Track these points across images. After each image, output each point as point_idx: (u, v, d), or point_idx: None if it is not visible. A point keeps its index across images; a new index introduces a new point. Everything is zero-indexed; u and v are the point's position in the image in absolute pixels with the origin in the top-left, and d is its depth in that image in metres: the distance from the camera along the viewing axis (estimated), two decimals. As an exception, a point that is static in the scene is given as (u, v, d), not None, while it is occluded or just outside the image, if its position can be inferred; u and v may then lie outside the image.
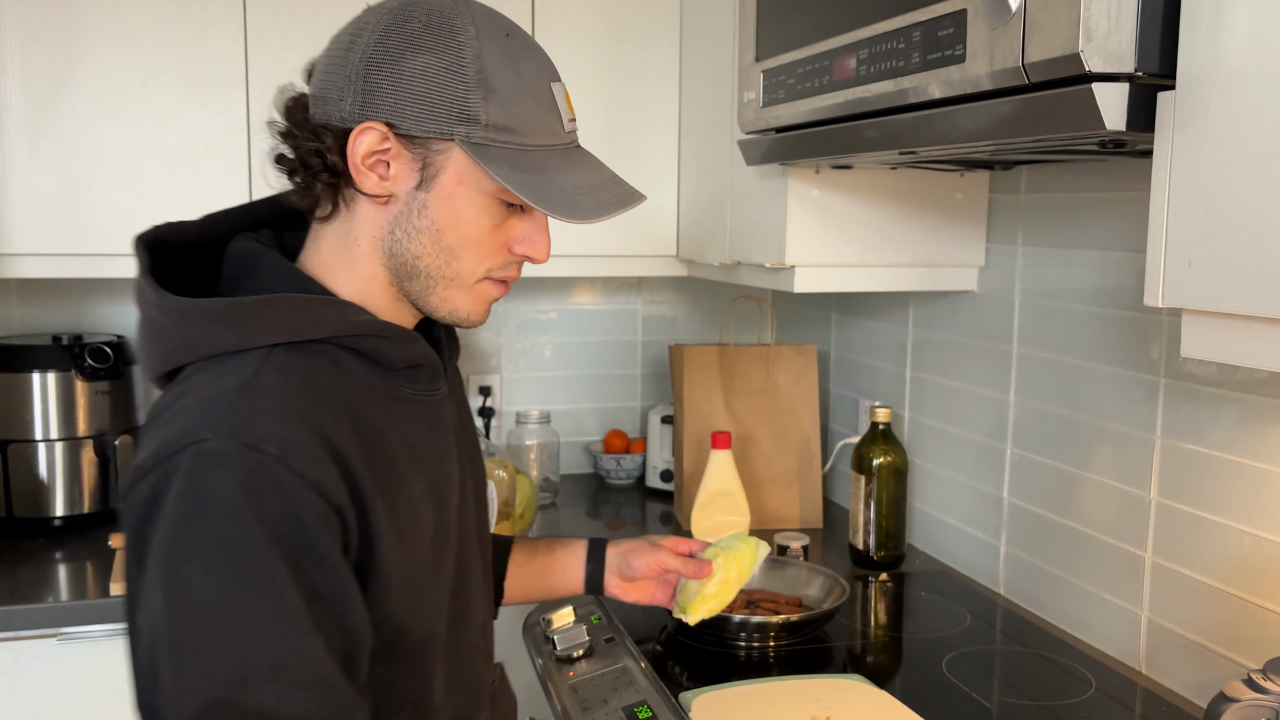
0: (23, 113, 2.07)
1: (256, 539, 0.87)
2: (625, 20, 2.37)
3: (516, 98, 0.99)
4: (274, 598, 0.87)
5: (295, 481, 0.89)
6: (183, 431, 0.90)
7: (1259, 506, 1.42)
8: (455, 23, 0.98)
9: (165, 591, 0.87)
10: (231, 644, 0.86)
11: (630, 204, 1.03)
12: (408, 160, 0.99)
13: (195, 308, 0.97)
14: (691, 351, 2.39)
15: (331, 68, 1.02)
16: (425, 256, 1.02)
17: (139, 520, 0.90)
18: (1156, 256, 1.02)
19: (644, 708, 1.53)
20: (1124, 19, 0.98)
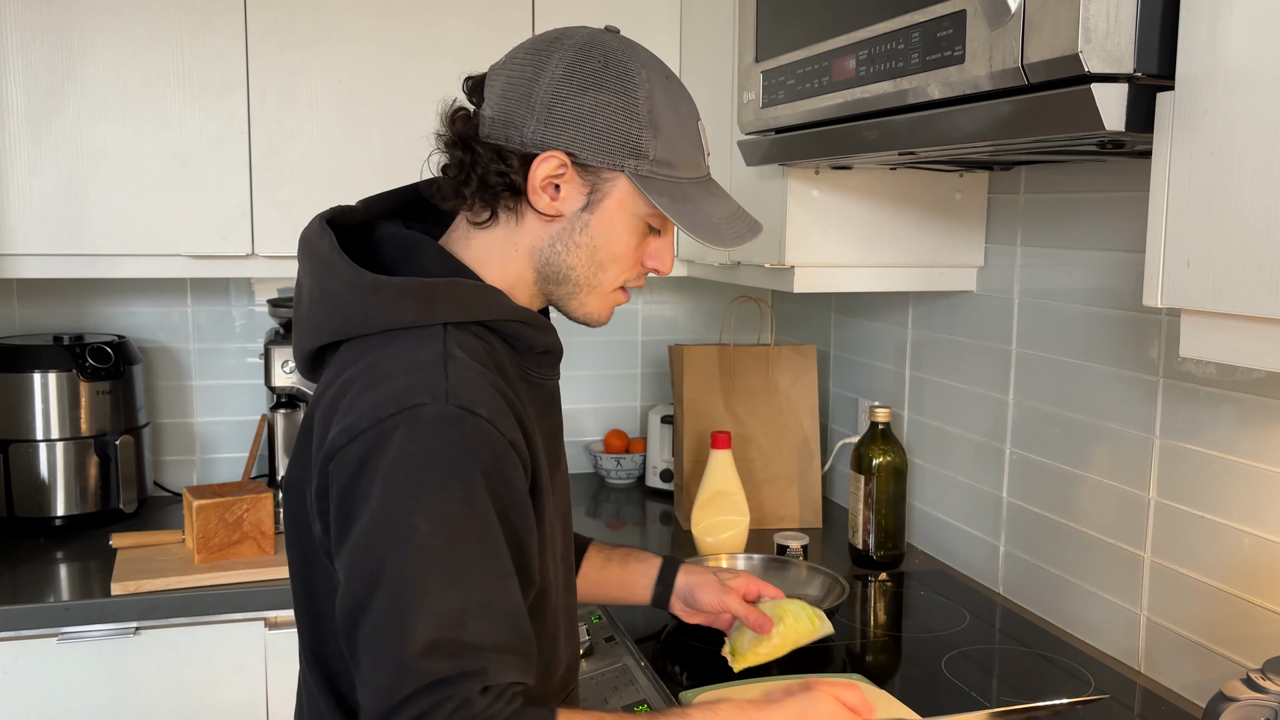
0: (24, 113, 2.08)
1: (475, 492, 0.99)
2: (625, 20, 2.37)
3: (676, 136, 1.12)
4: (488, 543, 1.00)
5: (502, 441, 1.01)
6: (395, 396, 1.00)
7: (1258, 506, 1.42)
8: (629, 65, 1.10)
9: (394, 540, 0.97)
10: (456, 585, 0.97)
11: (757, 232, 1.18)
12: (578, 185, 1.12)
13: (390, 285, 1.08)
14: (691, 351, 2.40)
15: (513, 95, 1.12)
16: (579, 268, 1.15)
17: (351, 476, 1.00)
18: (1155, 257, 1.02)
19: (644, 707, 1.53)
20: (1123, 20, 0.99)
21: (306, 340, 1.14)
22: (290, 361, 2.28)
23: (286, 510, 1.17)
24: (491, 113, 1.14)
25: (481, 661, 0.97)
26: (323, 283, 1.11)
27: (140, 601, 1.92)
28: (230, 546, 2.05)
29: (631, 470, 2.73)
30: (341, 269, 1.09)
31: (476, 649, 0.97)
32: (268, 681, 2.01)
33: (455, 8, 2.27)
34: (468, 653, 0.97)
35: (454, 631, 0.97)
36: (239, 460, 2.60)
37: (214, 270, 2.22)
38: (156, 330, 2.53)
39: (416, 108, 2.27)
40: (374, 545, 0.99)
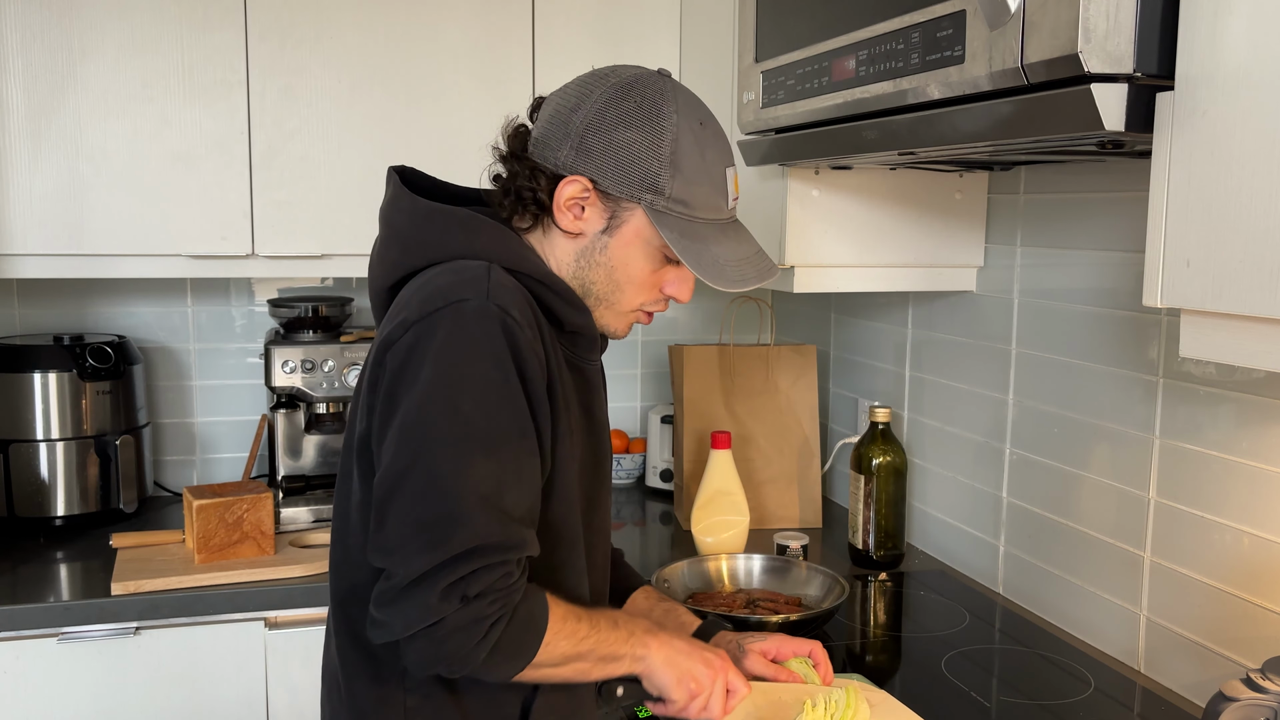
0: (24, 113, 2.08)
1: (510, 378, 1.12)
2: (625, 21, 2.38)
3: (696, 179, 1.21)
4: (520, 422, 1.13)
5: (529, 343, 1.14)
6: (443, 292, 1.14)
7: (1257, 506, 1.42)
8: (663, 109, 1.20)
9: (440, 416, 1.10)
10: (495, 457, 1.10)
11: (767, 277, 1.26)
12: (600, 210, 1.22)
13: (440, 211, 1.22)
14: (691, 351, 2.40)
15: (556, 121, 1.23)
16: (599, 284, 1.26)
17: (402, 362, 1.13)
18: (1155, 257, 1.02)
19: (644, 708, 1.53)
20: (1123, 20, 0.99)
21: (378, 280, 1.27)
22: (290, 361, 2.28)
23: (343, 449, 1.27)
24: (537, 133, 1.25)
25: (521, 534, 1.11)
26: (389, 219, 1.26)
27: (140, 601, 1.92)
28: (230, 546, 2.05)
29: (631, 470, 2.73)
30: (404, 201, 1.24)
31: (515, 519, 1.11)
32: (268, 681, 2.01)
33: (455, 8, 2.27)
34: (509, 522, 1.10)
35: (497, 499, 1.09)
36: (239, 460, 2.60)
37: (214, 270, 2.22)
38: (156, 330, 2.53)
39: (417, 107, 2.27)
40: (421, 419, 1.10)
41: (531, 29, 2.31)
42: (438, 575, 1.07)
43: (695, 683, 1.28)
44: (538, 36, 2.32)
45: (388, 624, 1.10)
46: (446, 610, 1.07)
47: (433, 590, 1.07)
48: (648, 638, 1.26)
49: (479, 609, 1.08)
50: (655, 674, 1.26)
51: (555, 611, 1.16)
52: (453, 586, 1.07)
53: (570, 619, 1.18)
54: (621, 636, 1.23)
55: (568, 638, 1.17)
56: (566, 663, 1.18)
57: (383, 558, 1.10)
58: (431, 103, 2.27)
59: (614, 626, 1.23)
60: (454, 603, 1.07)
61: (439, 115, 2.28)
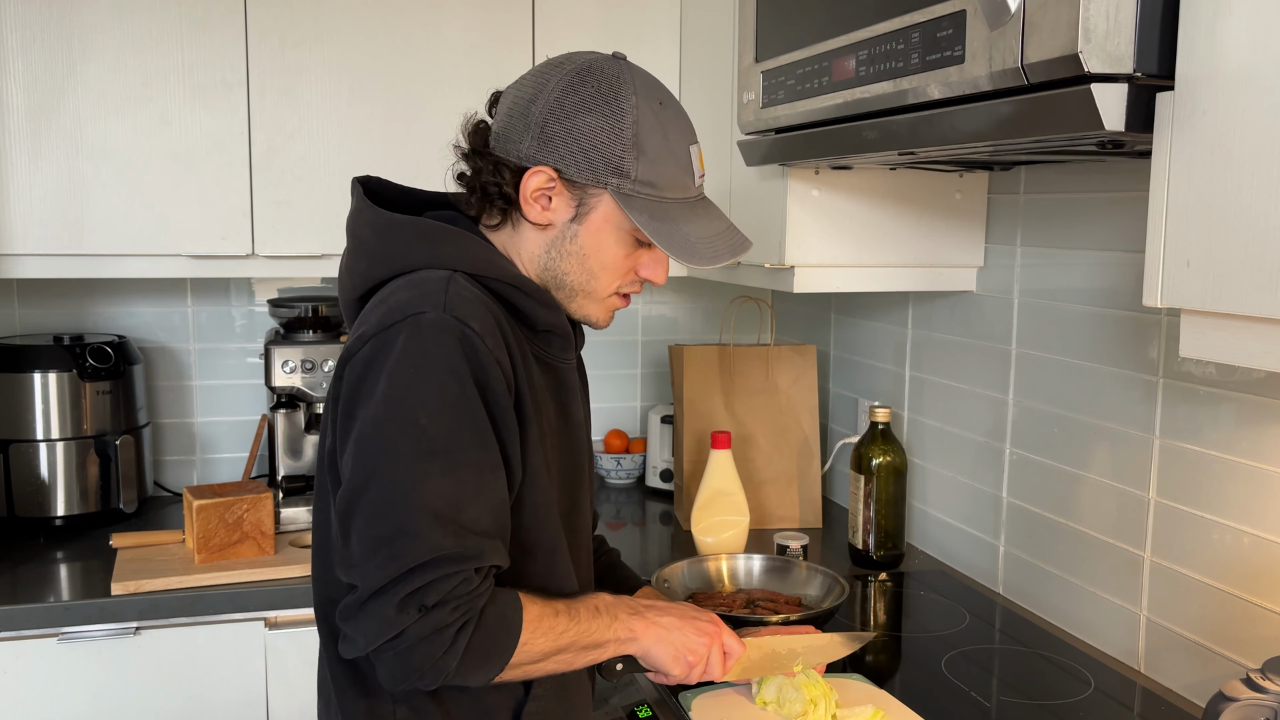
0: (24, 113, 2.08)
1: (468, 391, 1.11)
2: (625, 21, 2.38)
3: (661, 159, 1.21)
4: (480, 437, 1.11)
5: (488, 354, 1.12)
6: (401, 306, 1.13)
7: (1257, 506, 1.42)
8: (620, 91, 1.19)
9: (396, 431, 1.09)
10: (453, 472, 1.09)
11: (740, 252, 1.25)
12: (567, 198, 1.22)
13: (404, 223, 1.22)
14: (691, 351, 2.40)
15: (515, 113, 1.22)
16: (572, 273, 1.25)
17: (359, 377, 1.13)
18: (1155, 257, 1.02)
19: (644, 707, 1.53)
20: (1123, 20, 0.99)
21: (346, 292, 1.27)
22: (290, 361, 2.28)
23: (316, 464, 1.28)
24: (497, 127, 1.24)
25: (479, 544, 1.10)
26: (354, 231, 1.26)
27: (140, 601, 1.92)
28: (230, 546, 2.05)
29: (631, 470, 2.73)
30: (367, 213, 1.24)
31: (473, 532, 1.10)
32: (268, 681, 2.01)
33: (455, 8, 2.27)
34: (467, 534, 1.09)
35: (454, 513, 1.09)
36: (239, 460, 2.60)
37: (214, 270, 2.22)
38: (156, 330, 2.53)
39: (417, 107, 2.27)
40: (376, 436, 1.10)
41: (531, 29, 2.31)
42: (394, 588, 1.07)
43: (692, 654, 1.29)
44: (538, 37, 2.32)
45: (352, 638, 1.11)
46: (405, 621, 1.07)
47: (390, 603, 1.07)
48: (633, 621, 1.26)
49: (439, 617, 1.08)
50: (650, 654, 1.27)
51: (530, 611, 1.16)
52: (409, 598, 1.07)
53: (547, 616, 1.17)
54: (604, 624, 1.23)
55: (545, 634, 1.17)
56: (546, 658, 1.18)
57: (346, 573, 1.11)
58: (431, 103, 2.27)
59: (595, 615, 1.23)
60: (411, 614, 1.07)
61: (439, 116, 2.28)
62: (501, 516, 1.15)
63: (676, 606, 1.33)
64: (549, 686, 1.26)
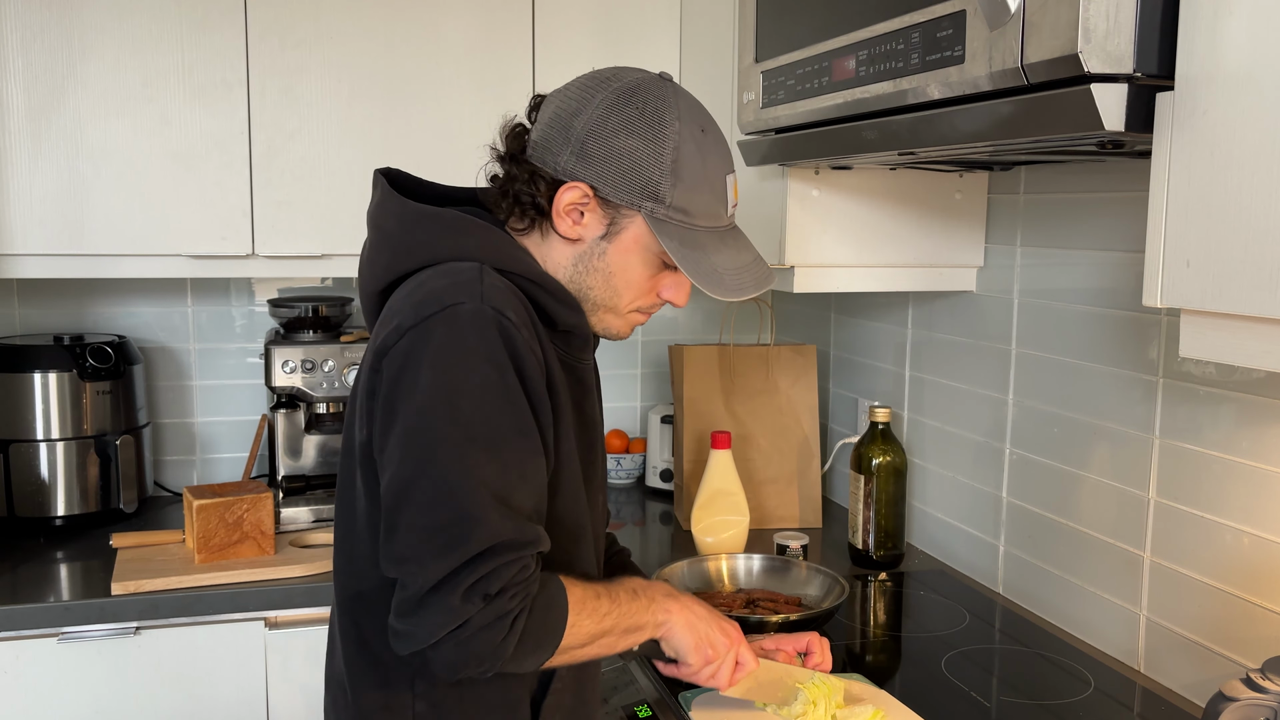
0: (24, 113, 2.08)
1: (509, 379, 1.11)
2: (625, 21, 2.38)
3: (697, 187, 1.21)
4: (522, 422, 1.12)
5: (525, 344, 1.13)
6: (436, 296, 1.13)
7: (1257, 506, 1.42)
8: (665, 116, 1.19)
9: (441, 421, 1.09)
10: (500, 458, 1.10)
11: (764, 286, 1.26)
12: (599, 216, 1.21)
13: (429, 214, 1.21)
14: (691, 351, 2.40)
15: (556, 124, 1.21)
16: (596, 289, 1.25)
17: (399, 368, 1.12)
18: (1155, 257, 1.02)
19: (644, 707, 1.53)
20: (1123, 20, 0.99)
21: (368, 284, 1.26)
22: (290, 361, 2.28)
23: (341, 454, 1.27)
24: (536, 136, 1.24)
25: (534, 530, 1.12)
26: (378, 222, 1.25)
27: (140, 601, 1.92)
28: (230, 546, 2.05)
29: (631, 470, 2.73)
30: (392, 204, 1.23)
31: (525, 516, 1.11)
32: (268, 681, 2.01)
33: (455, 8, 2.27)
34: (521, 519, 1.10)
35: (507, 499, 1.10)
36: (239, 460, 2.60)
37: (214, 270, 2.22)
38: (156, 330, 2.53)
39: (417, 107, 2.27)
40: (423, 426, 1.09)
41: (532, 29, 2.31)
42: (457, 578, 1.06)
43: (712, 649, 1.30)
44: (538, 37, 2.32)
45: (411, 633, 1.09)
46: (470, 611, 1.07)
47: (454, 593, 1.06)
48: (669, 602, 1.27)
49: (501, 605, 1.08)
50: (675, 636, 1.28)
51: (574, 594, 1.17)
52: (474, 587, 1.07)
53: (590, 598, 1.19)
54: (642, 605, 1.24)
55: (590, 615, 1.18)
56: (592, 641, 1.19)
57: (396, 567, 1.10)
58: (431, 103, 2.27)
59: (634, 596, 1.24)
60: (477, 603, 1.07)
61: (439, 116, 2.28)
62: (542, 502, 1.16)
63: (705, 604, 1.35)
64: (566, 680, 1.27)
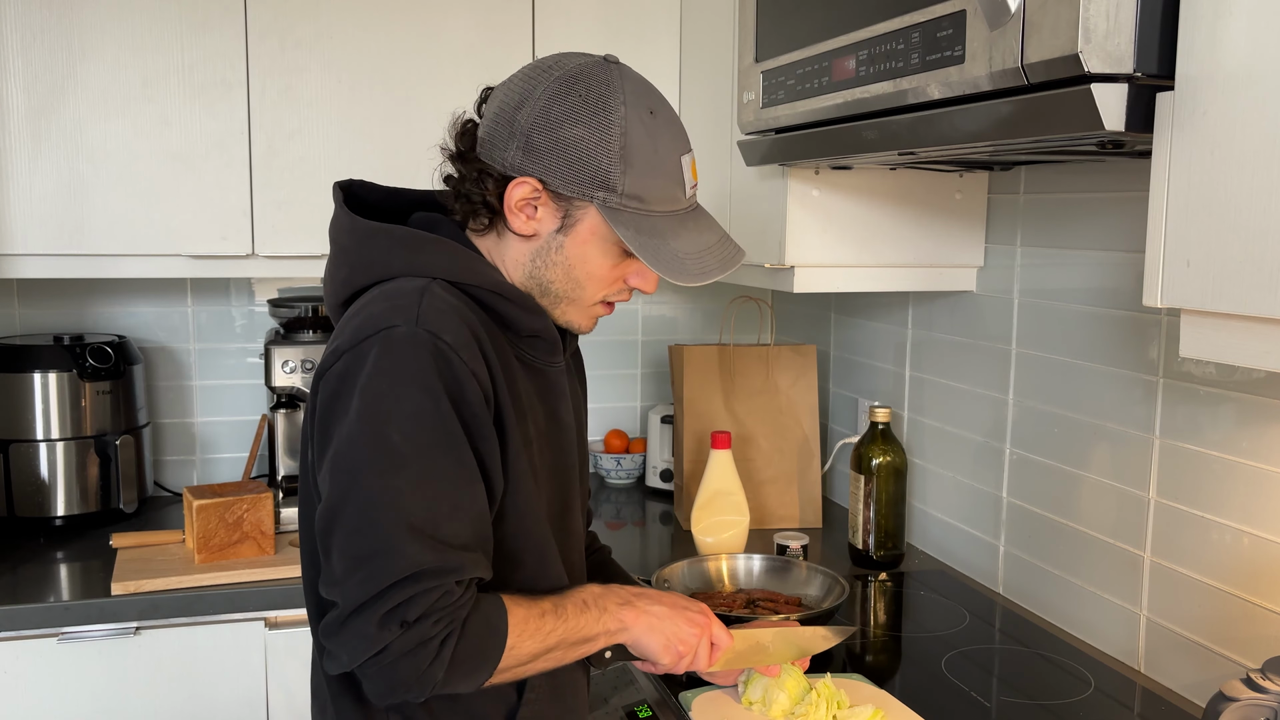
0: (24, 113, 2.08)
1: (442, 405, 1.09)
2: (625, 21, 2.38)
3: (649, 172, 1.17)
4: (454, 452, 1.10)
5: (463, 367, 1.11)
6: (374, 319, 1.12)
7: (1257, 506, 1.42)
8: (609, 101, 1.16)
9: (369, 448, 1.08)
10: (429, 488, 1.08)
11: (730, 266, 1.23)
12: (552, 209, 1.19)
13: (381, 231, 1.20)
14: (691, 351, 2.40)
15: (501, 119, 1.19)
16: (558, 283, 1.23)
17: (333, 392, 1.12)
18: (1155, 257, 1.02)
19: (644, 707, 1.53)
20: (1123, 20, 0.99)
21: (330, 299, 1.26)
22: (290, 361, 2.28)
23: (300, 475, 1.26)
24: (483, 132, 1.22)
25: (459, 558, 1.09)
26: (335, 237, 1.24)
27: (140, 601, 1.92)
28: (230, 546, 2.05)
29: (631, 470, 2.73)
30: (344, 220, 1.22)
31: (452, 546, 1.09)
32: (268, 681, 2.01)
33: (455, 8, 2.27)
34: (446, 548, 1.08)
35: (431, 528, 1.08)
36: (239, 460, 2.60)
37: (214, 270, 2.22)
38: (156, 330, 2.53)
39: (417, 108, 2.27)
40: (351, 453, 1.09)
41: (532, 29, 2.31)
42: (375, 605, 1.06)
43: (682, 644, 1.28)
44: (538, 37, 2.32)
45: (336, 655, 1.10)
46: (388, 638, 1.06)
47: (371, 620, 1.06)
48: (623, 612, 1.25)
49: (422, 631, 1.07)
50: (640, 643, 1.26)
51: (516, 614, 1.15)
52: (390, 614, 1.06)
53: (533, 618, 1.16)
54: (592, 618, 1.22)
55: (532, 636, 1.16)
56: (536, 659, 1.18)
57: (328, 590, 1.10)
58: (431, 103, 2.27)
59: (583, 609, 1.22)
60: (394, 629, 1.06)
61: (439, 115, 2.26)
62: (481, 529, 1.13)
63: (667, 595, 1.32)
64: (541, 690, 1.26)
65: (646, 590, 1.32)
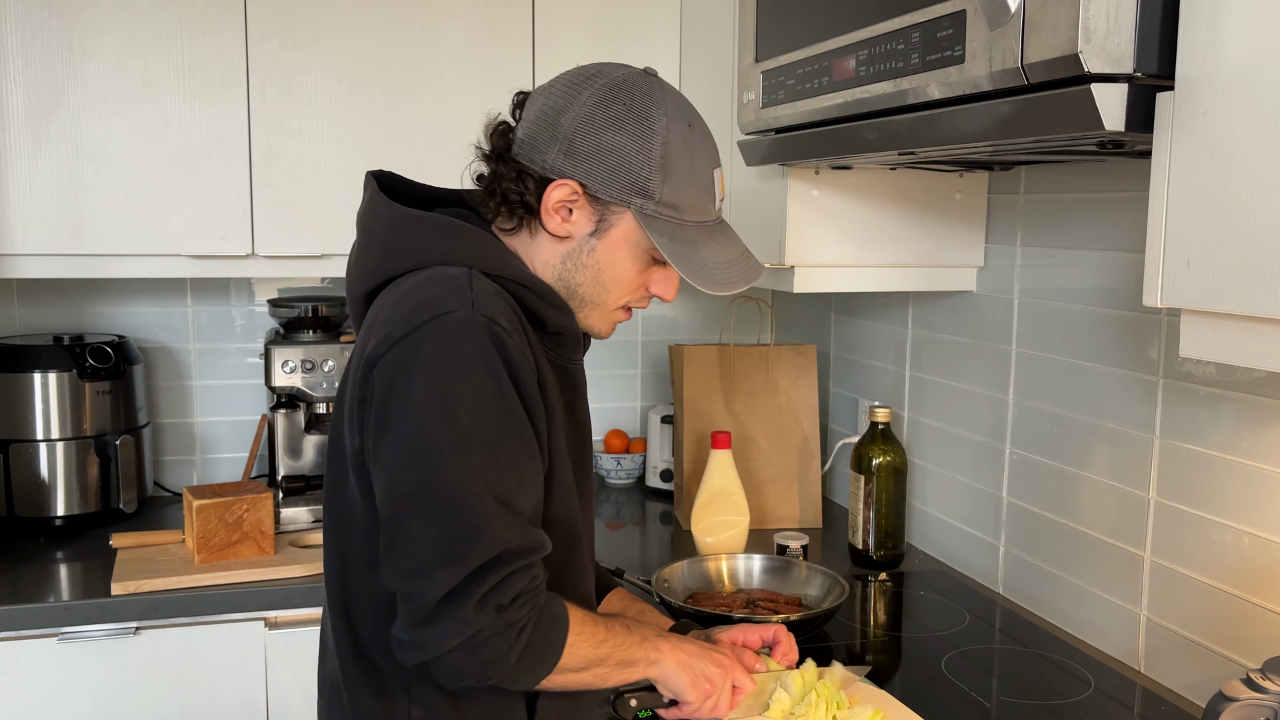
0: (24, 113, 2.08)
1: (504, 385, 1.11)
2: (625, 21, 2.38)
3: (685, 182, 1.21)
4: (519, 427, 1.13)
5: (519, 350, 1.13)
6: (427, 304, 1.12)
7: (1257, 506, 1.42)
8: (652, 111, 1.19)
9: (439, 432, 1.09)
10: (500, 465, 1.11)
11: (753, 279, 1.26)
12: (588, 212, 1.21)
13: (419, 218, 1.21)
14: (691, 351, 2.40)
15: (543, 122, 1.21)
16: (585, 286, 1.25)
17: (392, 378, 1.11)
18: (1155, 257, 1.02)
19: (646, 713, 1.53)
20: (1123, 20, 0.99)
21: (355, 286, 1.25)
22: (290, 361, 2.28)
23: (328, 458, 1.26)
24: (522, 134, 1.23)
25: (538, 535, 1.12)
26: (366, 224, 1.25)
27: (140, 601, 1.92)
28: (230, 546, 2.05)
29: (631, 470, 2.73)
30: (381, 207, 1.23)
31: (528, 521, 1.12)
32: (268, 681, 2.01)
33: (455, 8, 2.27)
34: (524, 524, 1.11)
35: (508, 503, 1.10)
36: (239, 460, 2.60)
37: (214, 270, 2.22)
38: (156, 330, 2.53)
39: (417, 107, 2.27)
40: (420, 438, 1.09)
41: (532, 29, 2.31)
42: (469, 588, 1.06)
43: (709, 683, 1.28)
44: (538, 37, 2.32)
45: (422, 644, 1.09)
46: (483, 621, 1.07)
47: (467, 604, 1.06)
48: (660, 642, 1.26)
49: (512, 614, 1.09)
50: (670, 677, 1.26)
51: (574, 614, 1.17)
52: (486, 597, 1.07)
53: (588, 621, 1.19)
54: (636, 640, 1.23)
55: (588, 639, 1.17)
56: (588, 667, 1.19)
57: (402, 580, 1.09)
58: (431, 103, 2.27)
59: (628, 631, 1.23)
60: (489, 613, 1.07)
61: (439, 115, 2.28)
62: (540, 505, 1.17)
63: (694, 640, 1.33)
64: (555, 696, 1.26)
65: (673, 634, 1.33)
